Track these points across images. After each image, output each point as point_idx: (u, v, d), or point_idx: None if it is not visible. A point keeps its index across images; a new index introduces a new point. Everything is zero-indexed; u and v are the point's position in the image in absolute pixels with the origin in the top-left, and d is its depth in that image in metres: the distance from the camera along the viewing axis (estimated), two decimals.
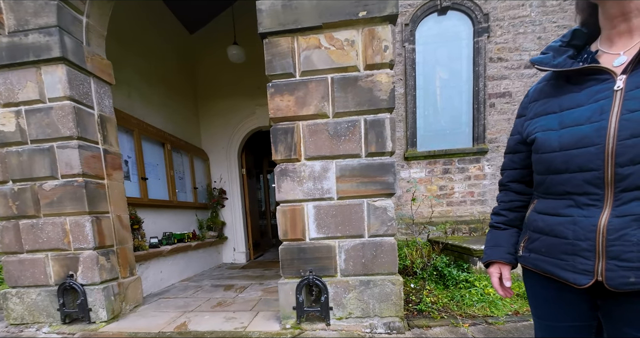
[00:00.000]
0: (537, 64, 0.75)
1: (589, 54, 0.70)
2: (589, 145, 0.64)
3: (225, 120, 4.98)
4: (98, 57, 2.45)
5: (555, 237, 0.72)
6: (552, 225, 0.72)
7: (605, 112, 0.62)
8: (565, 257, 0.70)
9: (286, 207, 2.06)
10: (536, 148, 0.74)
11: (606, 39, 0.68)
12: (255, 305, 2.70)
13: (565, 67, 0.69)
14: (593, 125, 0.63)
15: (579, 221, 0.67)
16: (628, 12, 0.62)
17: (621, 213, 0.62)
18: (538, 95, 0.79)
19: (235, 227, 5.17)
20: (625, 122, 0.60)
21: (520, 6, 3.84)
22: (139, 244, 3.09)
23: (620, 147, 0.60)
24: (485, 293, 2.51)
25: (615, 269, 0.62)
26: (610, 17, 0.65)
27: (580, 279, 0.68)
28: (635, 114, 0.59)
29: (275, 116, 2.00)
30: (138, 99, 3.58)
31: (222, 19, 4.75)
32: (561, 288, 0.74)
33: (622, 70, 0.62)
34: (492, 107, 4.00)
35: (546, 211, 0.75)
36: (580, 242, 0.67)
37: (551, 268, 0.74)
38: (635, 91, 0.60)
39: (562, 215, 0.71)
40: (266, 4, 1.93)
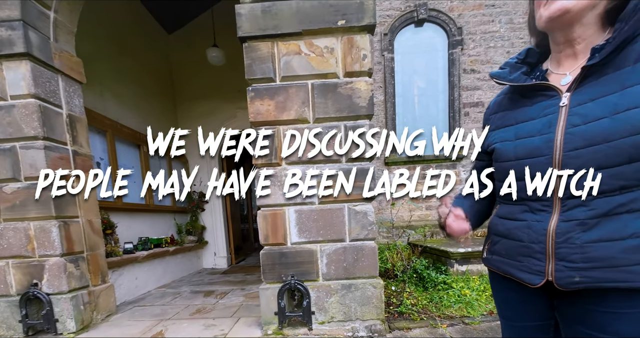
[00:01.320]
0: (496, 78, 0.81)
1: (540, 71, 0.77)
2: (539, 156, 0.70)
3: (206, 123, 4.85)
4: (67, 54, 2.34)
5: (513, 240, 0.77)
6: (510, 229, 0.77)
7: (553, 125, 0.68)
8: (521, 258, 0.75)
9: (267, 212, 2.04)
10: (495, 157, 0.81)
11: (555, 60, 0.75)
12: (237, 311, 2.63)
13: (520, 82, 0.76)
14: (543, 137, 0.70)
15: (532, 225, 0.72)
16: (572, 39, 0.69)
17: (567, 218, 0.67)
18: (497, 107, 0.86)
19: (216, 231, 5.04)
20: (569, 136, 0.66)
21: (490, 22, 4.09)
22: (112, 250, 2.94)
23: (566, 157, 0.66)
24: (462, 295, 2.58)
25: (563, 269, 0.67)
26: (558, 43, 0.72)
27: (533, 279, 0.72)
28: (577, 128, 0.65)
29: (256, 120, 1.99)
30: (111, 98, 3.44)
31: (201, 20, 4.66)
32: (521, 289, 0.78)
33: (567, 88, 0.69)
34: (466, 115, 4.20)
35: (505, 216, 0.80)
36: (533, 244, 0.72)
37: (510, 269, 0.79)
38: (577, 108, 0.66)
39: (518, 220, 0.76)
40: (245, 8, 1.93)
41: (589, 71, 0.65)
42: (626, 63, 0.62)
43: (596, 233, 0.64)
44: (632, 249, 0.61)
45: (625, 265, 0.62)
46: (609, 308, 0.65)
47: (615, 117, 0.60)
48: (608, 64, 0.64)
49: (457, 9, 4.08)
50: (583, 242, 0.64)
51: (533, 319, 0.82)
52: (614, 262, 0.62)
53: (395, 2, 4.07)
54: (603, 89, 0.64)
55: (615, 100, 0.61)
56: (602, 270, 0.63)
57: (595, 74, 0.65)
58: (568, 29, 0.67)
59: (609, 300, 0.65)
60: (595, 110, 0.63)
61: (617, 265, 0.62)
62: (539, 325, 0.81)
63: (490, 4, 4.07)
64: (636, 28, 0.60)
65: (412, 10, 4.05)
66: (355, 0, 1.90)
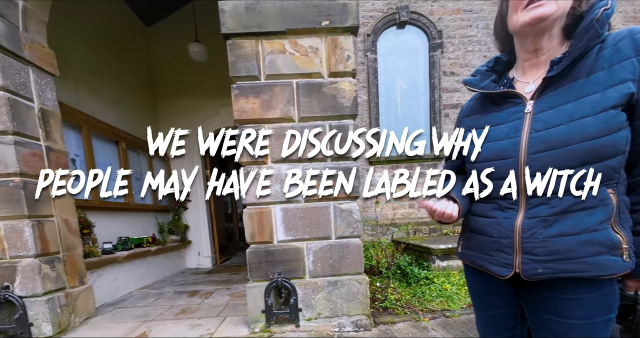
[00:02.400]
0: (468, 84, 0.87)
1: (507, 79, 0.83)
2: (507, 157, 0.76)
3: (188, 120, 4.74)
4: (38, 45, 2.22)
5: (485, 236, 0.83)
6: (482, 226, 0.83)
7: (519, 130, 0.74)
8: (492, 252, 0.81)
9: (253, 210, 2.04)
10: (467, 159, 0.86)
11: (520, 68, 0.81)
12: (223, 310, 2.60)
13: (489, 89, 0.82)
14: (510, 141, 0.75)
15: (501, 222, 0.78)
16: (540, 49, 0.74)
17: (531, 216, 0.73)
18: (470, 111, 0.92)
19: (200, 230, 4.95)
20: (532, 140, 0.72)
21: (468, 26, 4.24)
22: (90, 250, 2.83)
23: (530, 160, 0.72)
24: (443, 289, 2.68)
25: (528, 262, 0.73)
26: (527, 51, 0.77)
27: (503, 271, 0.79)
28: (539, 133, 0.71)
29: (240, 118, 1.98)
30: (87, 93, 3.30)
31: (182, 14, 4.53)
32: (491, 281, 0.85)
33: (531, 96, 0.75)
34: (446, 117, 4.33)
35: (478, 213, 0.86)
36: (502, 239, 0.78)
37: (482, 262, 0.85)
38: (539, 115, 0.72)
39: (489, 217, 0.82)
40: (229, 5, 1.90)
41: (549, 82, 0.72)
42: (580, 75, 0.69)
43: (556, 228, 0.70)
44: (585, 243, 0.68)
45: (580, 257, 0.68)
46: (566, 295, 0.72)
47: (570, 124, 0.67)
48: (565, 76, 0.70)
49: (437, 13, 4.19)
50: (545, 237, 0.71)
51: (502, 307, 0.89)
52: (570, 254, 0.69)
53: (378, 3, 4.14)
54: (561, 98, 0.70)
55: (570, 108, 0.68)
56: (561, 262, 0.70)
57: (555, 84, 0.72)
58: (539, 36, 0.73)
59: (567, 288, 0.72)
60: (554, 118, 0.69)
61: (573, 258, 0.69)
62: (507, 312, 0.88)
63: (468, 9, 4.21)
64: (588, 45, 0.67)
65: (394, 12, 4.13)
66: (338, 2, 1.92)
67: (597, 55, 0.68)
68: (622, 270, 0.68)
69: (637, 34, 0.65)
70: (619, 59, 0.65)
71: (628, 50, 0.65)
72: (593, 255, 0.67)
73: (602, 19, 0.65)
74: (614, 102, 0.64)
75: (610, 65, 0.66)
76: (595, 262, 0.67)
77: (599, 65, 0.67)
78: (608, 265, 0.67)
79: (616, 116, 0.64)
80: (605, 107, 0.64)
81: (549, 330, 0.76)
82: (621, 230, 0.68)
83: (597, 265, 0.67)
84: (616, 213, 0.68)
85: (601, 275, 0.68)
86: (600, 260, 0.67)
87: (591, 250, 0.67)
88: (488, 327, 0.95)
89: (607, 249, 0.67)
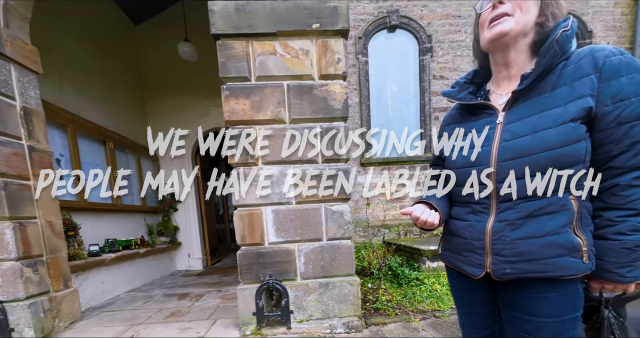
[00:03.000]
0: (446, 96, 0.93)
1: (484, 91, 0.88)
2: (480, 164, 0.80)
3: (177, 120, 4.67)
4: (20, 41, 2.16)
5: (460, 238, 0.87)
6: (458, 228, 0.88)
7: (491, 139, 0.79)
8: (466, 253, 0.86)
9: (244, 212, 2.02)
10: (446, 164, 0.92)
11: (495, 81, 0.87)
12: (213, 313, 2.57)
13: (466, 100, 0.88)
14: (484, 149, 0.80)
15: (474, 225, 0.83)
16: (509, 62, 0.80)
17: (500, 219, 0.78)
18: (450, 120, 0.97)
19: (190, 231, 4.88)
20: (501, 149, 0.77)
21: (457, 32, 4.31)
22: (75, 253, 2.76)
23: (499, 167, 0.77)
24: (433, 290, 2.70)
25: (497, 263, 0.78)
26: (497, 64, 0.83)
27: (475, 271, 0.83)
28: (508, 142, 0.76)
29: (231, 119, 1.97)
30: (72, 91, 3.23)
31: (172, 13, 4.48)
32: (468, 281, 0.89)
33: (503, 108, 0.80)
34: (436, 119, 4.38)
35: (455, 216, 0.91)
36: (475, 241, 0.82)
37: (458, 263, 0.89)
38: (508, 125, 0.77)
39: (464, 220, 0.87)
40: (219, 5, 1.89)
41: (518, 95, 0.77)
42: (545, 90, 0.74)
43: (522, 231, 0.74)
44: (548, 245, 0.72)
45: (543, 259, 0.72)
46: (534, 294, 0.76)
47: (534, 135, 0.72)
48: (532, 90, 0.75)
49: (427, 18, 4.25)
50: (512, 239, 0.75)
51: (480, 306, 0.93)
52: (535, 255, 0.73)
53: (369, 7, 4.17)
54: (527, 111, 0.75)
55: (535, 120, 0.73)
56: (527, 262, 0.74)
57: (523, 98, 0.77)
58: (505, 51, 0.78)
59: (534, 288, 0.76)
60: (521, 128, 0.74)
61: (537, 258, 0.73)
62: (485, 310, 0.93)
63: (457, 14, 4.28)
64: (551, 62, 0.72)
65: (384, 16, 4.17)
66: (329, 5, 1.93)
67: (561, 71, 0.73)
68: (582, 271, 0.72)
69: (597, 53, 0.70)
70: (580, 75, 0.70)
71: (588, 68, 0.70)
72: (555, 256, 0.72)
73: (561, 39, 0.70)
74: (573, 116, 0.69)
75: (572, 82, 0.71)
76: (556, 263, 0.72)
77: (562, 81, 0.72)
78: (568, 266, 0.72)
79: (575, 128, 0.69)
80: (565, 119, 0.69)
81: (520, 327, 0.80)
82: (582, 233, 0.72)
83: (558, 265, 0.72)
84: (577, 218, 0.72)
85: (563, 275, 0.72)
86: (562, 262, 0.71)
87: (553, 251, 0.72)
88: (468, 325, 1.00)
89: (568, 251, 0.71)
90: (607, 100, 0.68)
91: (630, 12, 4.38)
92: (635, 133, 0.67)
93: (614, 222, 0.71)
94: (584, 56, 0.71)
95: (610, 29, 4.41)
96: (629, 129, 0.67)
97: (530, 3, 0.73)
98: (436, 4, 4.23)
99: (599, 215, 0.74)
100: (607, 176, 0.72)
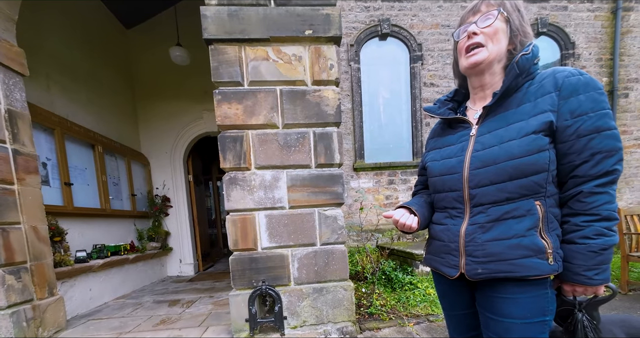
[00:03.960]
0: (427, 111, 1.01)
1: (463, 107, 0.97)
2: (454, 173, 0.87)
3: (169, 124, 4.64)
4: (6, 43, 2.13)
5: (439, 241, 0.94)
6: (438, 232, 0.94)
7: (464, 150, 0.86)
8: (443, 255, 0.92)
9: (236, 216, 2.00)
10: (428, 173, 0.99)
11: (472, 100, 0.95)
12: (205, 319, 2.52)
13: (444, 115, 0.96)
14: (458, 158, 0.87)
15: (451, 228, 0.89)
16: (484, 85, 0.88)
17: (473, 223, 0.84)
18: (433, 134, 1.06)
19: (182, 236, 4.79)
20: (473, 158, 0.83)
21: (446, 41, 4.42)
22: (61, 259, 2.68)
23: (471, 175, 0.83)
24: (427, 294, 2.71)
25: (470, 263, 0.83)
26: (474, 87, 0.91)
27: (451, 272, 0.89)
28: (478, 152, 0.82)
29: (223, 123, 1.96)
30: (60, 94, 3.17)
31: (164, 17, 4.47)
32: (450, 283, 0.95)
33: (476, 122, 0.87)
34: (427, 126, 4.47)
35: (435, 221, 0.98)
36: (451, 244, 0.88)
37: (437, 265, 0.95)
38: (480, 137, 0.84)
39: (442, 224, 0.93)
40: (211, 11, 1.89)
41: (489, 110, 0.85)
42: (511, 106, 0.81)
43: (491, 234, 0.80)
44: (514, 246, 0.77)
45: (510, 259, 0.78)
46: (504, 295, 0.81)
47: (501, 146, 0.79)
48: (501, 106, 0.83)
49: (417, 27, 4.36)
50: (482, 241, 0.81)
51: (463, 308, 0.97)
52: (503, 256, 0.78)
53: (360, 15, 4.25)
54: (496, 124, 0.82)
55: (502, 133, 0.80)
56: (496, 263, 0.79)
57: (493, 113, 0.84)
58: (481, 75, 0.86)
59: (505, 288, 0.81)
60: (490, 140, 0.81)
61: (505, 259, 0.78)
62: (468, 313, 0.97)
63: (446, 24, 4.40)
64: (515, 81, 0.80)
65: (376, 24, 4.26)
66: (321, 12, 1.96)
67: (527, 90, 0.80)
68: (547, 272, 0.77)
69: (557, 74, 0.77)
70: (542, 93, 0.78)
71: (549, 87, 0.77)
72: (521, 257, 0.77)
73: (521, 61, 0.78)
74: (534, 128, 0.75)
75: (535, 99, 0.78)
76: (522, 264, 0.77)
77: (526, 98, 0.80)
78: (534, 267, 0.76)
79: (536, 140, 0.75)
80: (527, 132, 0.76)
81: (492, 329, 0.85)
82: (548, 237, 0.77)
83: (524, 266, 0.76)
84: (543, 222, 0.77)
85: (528, 275, 0.76)
86: (527, 262, 0.76)
87: (519, 253, 0.77)
88: (453, 327, 1.04)
89: (533, 253, 0.76)
90: (566, 115, 0.75)
91: (609, 25, 4.60)
92: (594, 145, 0.73)
93: (580, 227, 0.76)
94: (546, 77, 0.79)
95: (592, 41, 4.61)
96: (588, 141, 0.74)
97: (500, 35, 0.80)
98: (426, 13, 4.35)
99: (566, 220, 0.79)
100: (572, 184, 0.78)
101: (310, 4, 1.96)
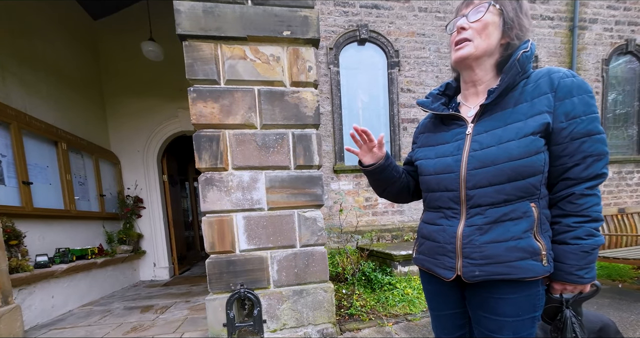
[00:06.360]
0: (420, 105, 0.98)
1: (455, 103, 0.94)
2: (450, 172, 0.85)
3: (141, 122, 4.43)
4: None
5: (433, 242, 0.91)
6: (431, 232, 0.92)
7: (461, 149, 0.84)
8: (438, 257, 0.90)
9: (213, 218, 1.94)
10: (419, 171, 0.96)
11: (464, 95, 0.93)
12: (180, 326, 2.41)
13: (439, 111, 0.93)
14: (454, 157, 0.85)
15: (446, 229, 0.87)
16: (475, 80, 0.87)
17: (470, 224, 0.82)
18: (424, 129, 1.02)
19: (156, 239, 4.57)
20: (470, 158, 0.81)
21: (422, 48, 4.57)
22: (18, 264, 2.46)
23: (468, 175, 0.81)
24: (405, 294, 2.76)
25: (467, 265, 0.82)
26: (465, 82, 0.90)
27: (447, 274, 0.87)
28: (476, 152, 0.81)
29: (199, 122, 1.90)
30: (17, 86, 2.94)
31: (135, 10, 4.28)
32: (440, 283, 0.94)
33: (472, 120, 0.86)
34: (404, 130, 4.58)
35: (428, 221, 0.96)
36: (447, 245, 0.86)
37: (431, 266, 0.93)
38: (477, 136, 0.82)
39: (436, 225, 0.91)
40: (185, 6, 1.84)
41: (485, 108, 0.83)
42: (508, 105, 0.80)
43: (489, 236, 0.79)
44: (512, 249, 0.77)
45: (508, 261, 0.77)
46: (499, 295, 0.81)
47: (499, 146, 0.77)
48: (498, 104, 0.81)
49: (394, 34, 4.47)
50: (480, 243, 0.80)
51: (451, 308, 0.97)
52: (500, 258, 0.78)
53: (339, 19, 4.30)
54: (493, 124, 0.81)
55: (500, 133, 0.79)
56: (494, 265, 0.79)
57: (489, 111, 0.83)
58: (471, 70, 0.85)
59: (500, 289, 0.81)
60: (488, 140, 0.80)
61: (503, 261, 0.78)
62: (456, 312, 0.97)
63: (421, 32, 4.55)
64: (513, 79, 0.78)
65: (354, 29, 4.33)
66: (299, 14, 1.95)
67: (523, 89, 0.79)
68: (542, 274, 0.78)
69: (553, 74, 0.78)
70: (538, 93, 0.77)
71: (545, 87, 0.77)
72: (518, 259, 0.77)
73: (522, 59, 0.77)
74: (532, 130, 0.75)
75: (531, 99, 0.78)
76: (519, 266, 0.77)
77: (523, 97, 0.79)
78: (530, 269, 0.77)
79: (534, 141, 0.75)
80: (526, 133, 0.75)
81: (485, 326, 0.85)
82: (541, 238, 0.78)
83: (521, 268, 0.77)
84: (537, 224, 0.78)
85: (525, 277, 0.77)
86: (524, 264, 0.77)
87: (516, 255, 0.77)
88: (440, 327, 1.03)
89: (530, 255, 0.77)
90: (561, 116, 0.75)
91: (567, 42, 5.00)
92: (585, 148, 0.75)
93: (572, 228, 0.77)
94: (542, 76, 0.79)
95: (552, 55, 4.97)
96: (580, 144, 0.75)
97: (490, 29, 0.79)
98: (402, 21, 4.47)
99: (557, 221, 0.80)
100: (563, 186, 0.78)
101: (287, 5, 1.95)
